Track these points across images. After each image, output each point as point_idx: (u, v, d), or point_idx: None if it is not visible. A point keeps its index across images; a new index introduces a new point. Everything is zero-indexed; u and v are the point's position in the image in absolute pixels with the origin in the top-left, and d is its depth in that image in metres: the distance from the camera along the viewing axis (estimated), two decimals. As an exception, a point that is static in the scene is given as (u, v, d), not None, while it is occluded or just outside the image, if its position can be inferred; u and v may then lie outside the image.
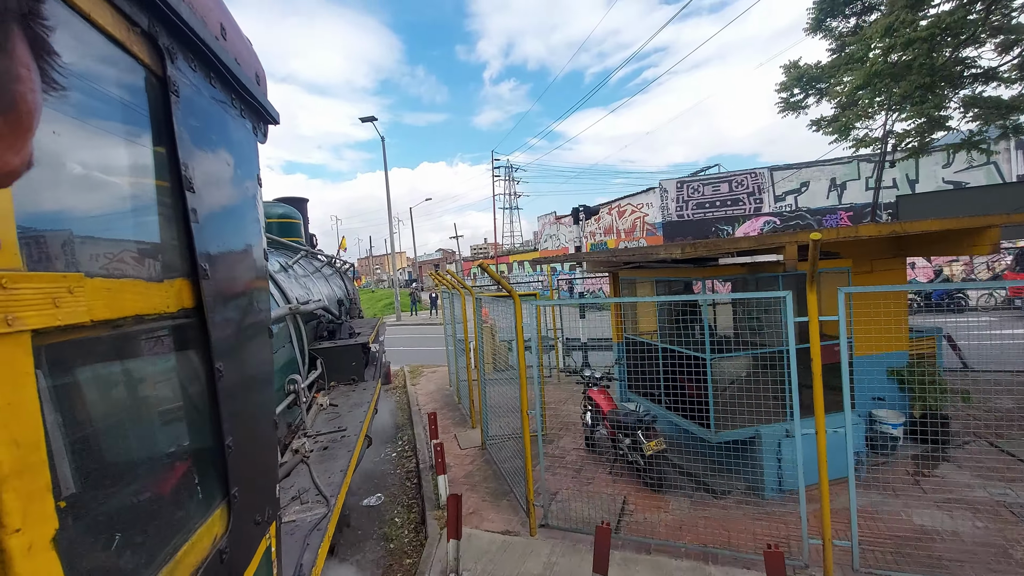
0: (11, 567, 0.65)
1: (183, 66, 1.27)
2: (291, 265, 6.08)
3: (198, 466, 1.20)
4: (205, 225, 1.27)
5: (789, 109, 15.96)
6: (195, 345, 1.23)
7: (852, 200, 22.44)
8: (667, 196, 26.36)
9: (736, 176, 25.26)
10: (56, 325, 0.77)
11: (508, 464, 6.51)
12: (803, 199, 23.57)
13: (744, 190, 24.99)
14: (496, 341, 9.53)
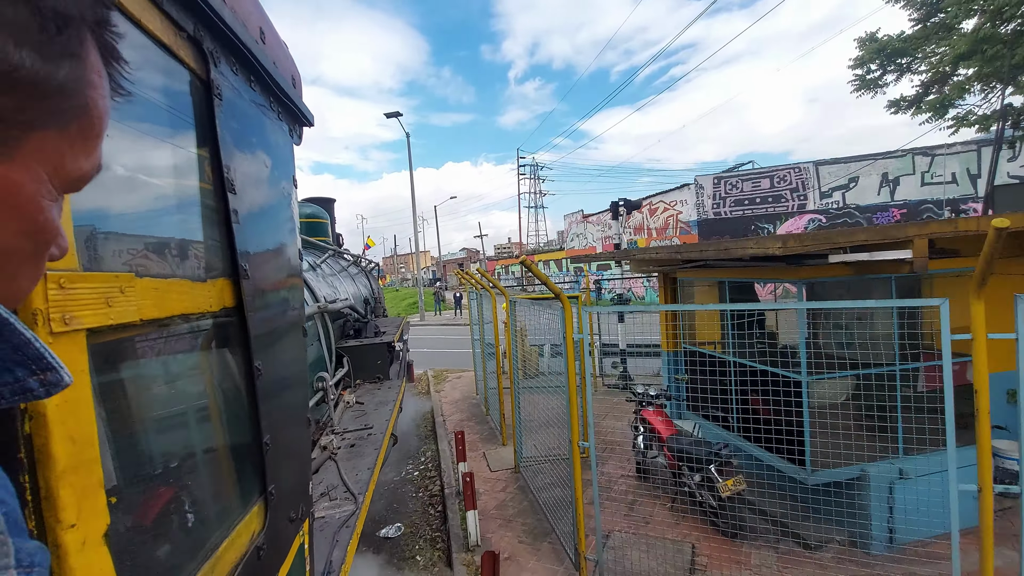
0: (66, 562, 0.66)
1: (226, 70, 1.29)
2: (319, 264, 6.18)
3: (238, 464, 1.22)
4: (245, 226, 1.29)
5: (865, 88, 14.43)
6: (235, 344, 1.25)
7: (906, 196, 20.46)
8: (703, 193, 24.66)
9: (778, 171, 23.33)
10: (109, 324, 0.79)
11: (547, 493, 5.61)
12: (851, 195, 21.66)
13: (787, 186, 23.15)
14: (526, 345, 8.98)
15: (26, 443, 0.64)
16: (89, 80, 0.39)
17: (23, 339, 0.33)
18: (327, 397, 3.85)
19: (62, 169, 0.39)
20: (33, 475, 0.64)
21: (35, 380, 0.34)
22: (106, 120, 0.42)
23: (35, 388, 0.35)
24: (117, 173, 0.92)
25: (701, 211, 24.75)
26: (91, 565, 0.70)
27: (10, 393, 0.34)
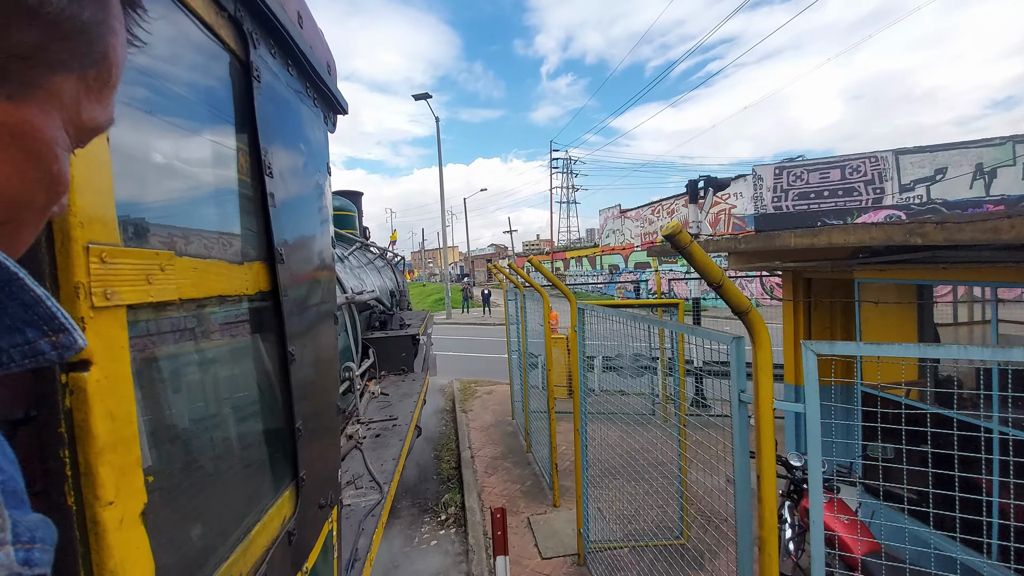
0: (103, 539, 0.65)
1: (264, 52, 1.28)
2: (347, 256, 6.24)
3: (270, 448, 1.21)
4: (281, 210, 1.28)
5: None
6: (270, 328, 1.24)
7: (1004, 190, 17.29)
8: (761, 184, 22.01)
9: (850, 161, 20.32)
10: (148, 301, 0.78)
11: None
12: (938, 189, 18.67)
13: (860, 177, 20.25)
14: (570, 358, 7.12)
15: (67, 418, 0.63)
16: (110, 25, 0.37)
17: (33, 296, 0.31)
18: (353, 387, 3.88)
19: (78, 118, 0.37)
20: (73, 450, 0.64)
21: (47, 342, 0.32)
22: (122, 70, 0.40)
23: (47, 351, 0.32)
24: (158, 151, 0.91)
25: (759, 204, 22.14)
26: (128, 543, 0.69)
27: (20, 356, 0.32)
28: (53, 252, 0.63)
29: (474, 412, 9.43)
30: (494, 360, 14.41)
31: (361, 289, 5.79)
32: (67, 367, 0.64)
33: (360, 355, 5.22)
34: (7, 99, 0.31)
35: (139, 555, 0.71)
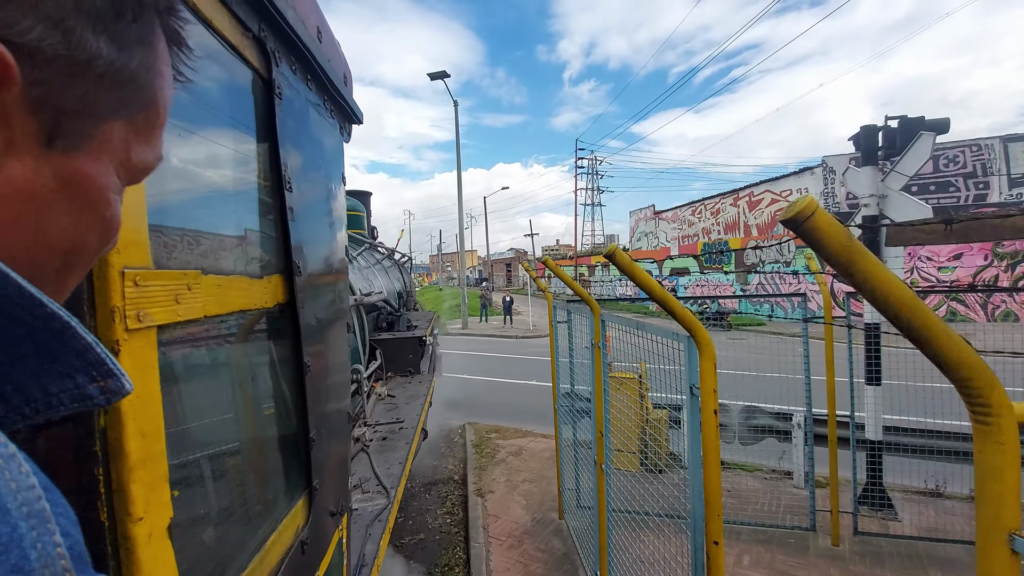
0: (134, 553, 0.68)
1: (286, 69, 1.31)
2: (355, 257, 6.28)
3: (285, 459, 1.24)
4: (299, 223, 1.31)
5: None
6: (287, 340, 1.27)
7: None
8: (833, 178, 19.03)
9: (947, 150, 16.76)
10: (176, 321, 0.81)
11: None
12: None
13: (958, 169, 16.75)
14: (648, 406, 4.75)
15: (101, 437, 0.66)
16: (158, 69, 0.38)
17: (84, 344, 0.32)
18: (360, 389, 3.91)
19: (128, 161, 0.38)
20: (106, 468, 0.66)
21: (95, 387, 0.33)
22: (169, 110, 0.41)
23: (95, 395, 0.33)
24: (184, 171, 0.93)
25: (832, 202, 19.24)
26: (156, 557, 0.71)
27: (69, 400, 0.33)
28: (91, 277, 0.65)
29: (496, 496, 5.68)
30: (522, 389, 10.94)
31: (369, 290, 5.83)
32: None
33: (368, 357, 5.25)
34: (61, 151, 0.33)
35: (166, 569, 0.73)
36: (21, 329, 0.29)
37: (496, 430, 8.14)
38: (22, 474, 0.24)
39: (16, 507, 0.23)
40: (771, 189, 22.12)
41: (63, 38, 0.30)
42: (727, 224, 24.80)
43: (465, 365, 14.21)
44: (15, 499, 0.23)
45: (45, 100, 0.30)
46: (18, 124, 0.30)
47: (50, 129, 0.31)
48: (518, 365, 14.44)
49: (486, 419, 8.81)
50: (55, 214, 0.33)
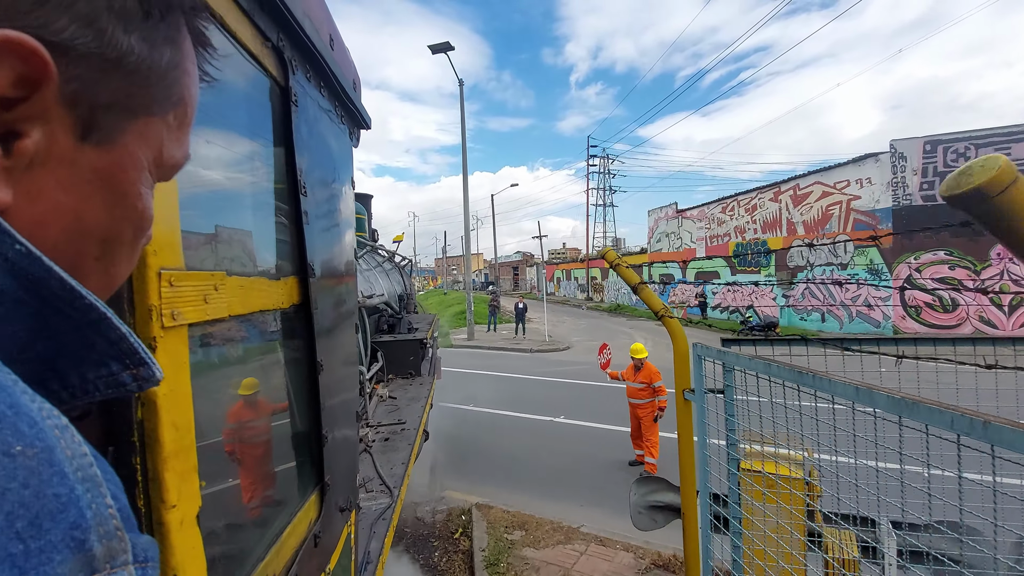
0: (168, 539, 0.72)
1: (301, 77, 1.35)
2: (357, 260, 6.32)
3: (300, 455, 1.28)
4: (313, 226, 1.35)
5: None
6: (302, 339, 1.30)
7: None
8: (904, 166, 16.33)
9: None
10: (204, 320, 0.84)
11: None
12: None
13: None
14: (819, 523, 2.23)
15: (139, 428, 0.69)
16: (185, 68, 0.40)
17: (119, 334, 0.34)
18: (363, 391, 3.94)
19: (159, 157, 0.40)
20: (143, 458, 0.70)
21: (128, 374, 0.35)
22: (195, 109, 0.43)
23: (128, 382, 0.35)
24: (208, 175, 0.97)
25: (901, 194, 16.46)
26: (187, 544, 0.75)
27: (104, 386, 0.34)
28: (130, 278, 0.69)
29: None
30: (548, 432, 8.19)
31: (371, 293, 5.87)
32: None
33: (369, 358, 5.29)
34: (96, 145, 0.34)
35: (195, 554, 0.77)
36: (62, 319, 0.31)
37: (521, 523, 5.16)
38: (76, 443, 0.27)
39: (72, 471, 0.25)
40: (822, 180, 18.95)
41: (96, 36, 0.32)
42: (766, 222, 21.72)
43: (469, 390, 11.12)
44: (71, 464, 0.26)
45: (80, 95, 0.32)
46: (56, 118, 0.31)
47: (85, 123, 0.33)
48: (536, 390, 11.21)
49: (502, 490, 5.96)
50: (91, 205, 0.35)
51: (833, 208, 18.72)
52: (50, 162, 0.32)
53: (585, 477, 6.47)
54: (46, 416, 0.26)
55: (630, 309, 30.98)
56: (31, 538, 0.22)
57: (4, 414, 0.23)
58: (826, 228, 18.89)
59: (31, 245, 0.28)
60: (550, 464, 6.91)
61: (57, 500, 0.24)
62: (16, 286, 0.29)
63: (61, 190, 0.33)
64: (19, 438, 0.23)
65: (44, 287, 0.29)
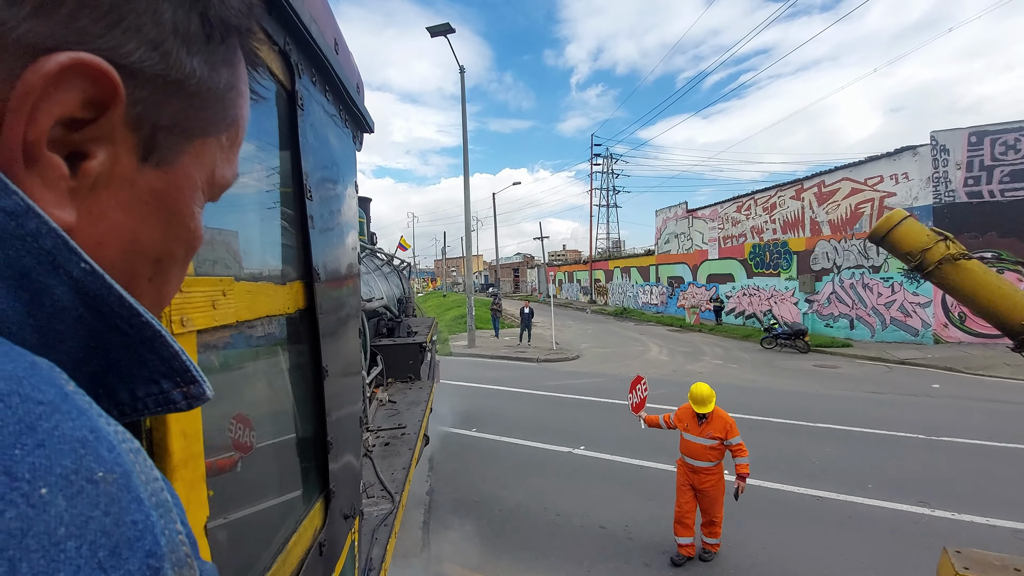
0: (176, 550, 0.70)
1: (307, 81, 1.34)
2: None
3: (306, 462, 1.26)
4: (319, 231, 1.34)
5: None
6: (307, 344, 1.29)
7: None
8: (947, 159, 15.03)
9: None
10: (213, 326, 0.83)
11: None
12: None
13: None
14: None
15: (147, 437, 0.68)
16: (239, 89, 0.40)
17: (172, 351, 0.34)
18: (363, 395, 3.93)
19: (212, 177, 0.40)
20: (152, 467, 0.69)
21: (179, 392, 0.35)
22: (246, 128, 0.43)
23: (178, 400, 0.35)
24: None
25: (943, 190, 15.18)
26: (195, 555, 0.74)
27: (154, 404, 0.34)
28: (140, 284, 0.68)
29: None
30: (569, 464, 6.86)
31: (370, 296, 5.85)
32: None
33: (368, 362, 5.27)
34: (155, 166, 0.35)
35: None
36: (118, 337, 0.31)
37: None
38: (149, 467, 0.27)
39: (147, 497, 0.25)
40: (851, 176, 17.33)
41: (161, 59, 0.32)
42: (786, 221, 20.24)
43: (471, 410, 9.61)
44: (146, 490, 0.25)
45: (143, 117, 0.32)
46: (120, 140, 0.32)
47: (146, 145, 0.34)
48: (548, 410, 9.67)
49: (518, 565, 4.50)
50: (147, 225, 0.35)
51: (863, 206, 17.09)
52: (112, 183, 0.32)
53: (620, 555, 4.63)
54: (121, 440, 0.25)
55: (636, 313, 30.05)
56: (112, 567, 0.22)
57: (86, 439, 0.23)
58: (855, 228, 17.37)
59: (95, 263, 0.29)
60: (574, 522, 5.21)
61: (135, 527, 0.24)
62: (79, 303, 0.29)
63: (120, 210, 0.33)
64: (100, 463, 0.23)
65: (104, 305, 0.30)
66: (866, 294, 17.26)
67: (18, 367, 0.23)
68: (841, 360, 14.86)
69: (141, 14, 0.30)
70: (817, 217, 18.90)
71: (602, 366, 14.78)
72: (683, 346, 18.47)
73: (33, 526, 0.20)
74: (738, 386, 11.46)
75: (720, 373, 13.39)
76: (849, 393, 10.64)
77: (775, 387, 11.42)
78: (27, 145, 0.27)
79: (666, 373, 13.45)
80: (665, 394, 10.04)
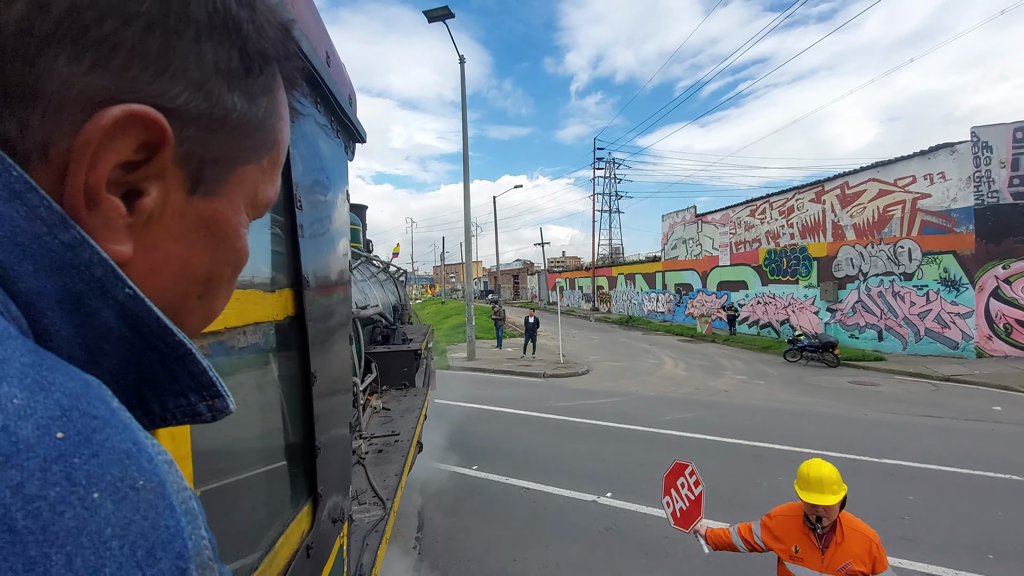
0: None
1: (298, 93, 1.38)
2: (352, 270, 6.33)
3: (293, 465, 1.29)
4: (308, 239, 1.37)
5: None
6: (296, 351, 1.32)
7: None
8: (989, 157, 13.91)
9: None
10: (202, 332, 0.86)
11: None
12: None
13: None
14: None
15: (135, 438, 0.71)
16: (279, 114, 0.43)
17: (200, 368, 0.36)
18: (356, 402, 3.94)
19: (255, 199, 0.43)
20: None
21: (204, 405, 0.38)
22: (286, 148, 0.46)
23: (204, 413, 0.38)
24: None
25: (987, 190, 13.99)
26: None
27: (182, 415, 0.37)
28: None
29: None
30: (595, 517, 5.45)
31: (365, 303, 5.87)
32: None
33: (363, 369, 5.28)
34: (203, 196, 0.37)
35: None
36: (155, 354, 0.34)
37: None
38: (179, 477, 0.29)
39: (178, 504, 0.28)
40: (879, 177, 16.18)
41: (205, 98, 0.34)
42: (805, 226, 19.18)
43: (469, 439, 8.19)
44: (177, 497, 0.28)
45: (191, 153, 0.35)
46: (170, 176, 0.34)
47: (194, 178, 0.36)
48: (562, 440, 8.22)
49: None
50: (197, 250, 0.38)
51: (893, 209, 15.94)
52: (164, 215, 0.35)
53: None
54: (157, 452, 0.28)
55: (643, 321, 28.85)
56: (147, 566, 0.25)
57: (130, 451, 0.26)
58: (884, 232, 16.22)
59: (138, 289, 0.32)
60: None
61: (167, 531, 0.26)
62: (122, 324, 0.32)
63: (172, 240, 0.36)
64: (141, 473, 0.26)
65: (144, 325, 0.32)
66: (897, 303, 16.00)
67: (76, 385, 0.26)
68: (877, 376, 13.57)
69: (185, 58, 0.33)
70: (840, 221, 17.75)
71: (615, 383, 13.35)
72: (699, 359, 17.19)
73: (87, 526, 0.23)
74: (773, 408, 10.19)
75: (748, 391, 12.03)
76: (901, 417, 9.31)
77: (815, 409, 10.05)
78: (88, 189, 0.30)
79: (688, 391, 12.08)
80: (698, 419, 9.02)
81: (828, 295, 18.07)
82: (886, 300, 16.34)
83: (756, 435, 8.03)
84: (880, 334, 16.59)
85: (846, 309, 17.67)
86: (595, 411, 10.05)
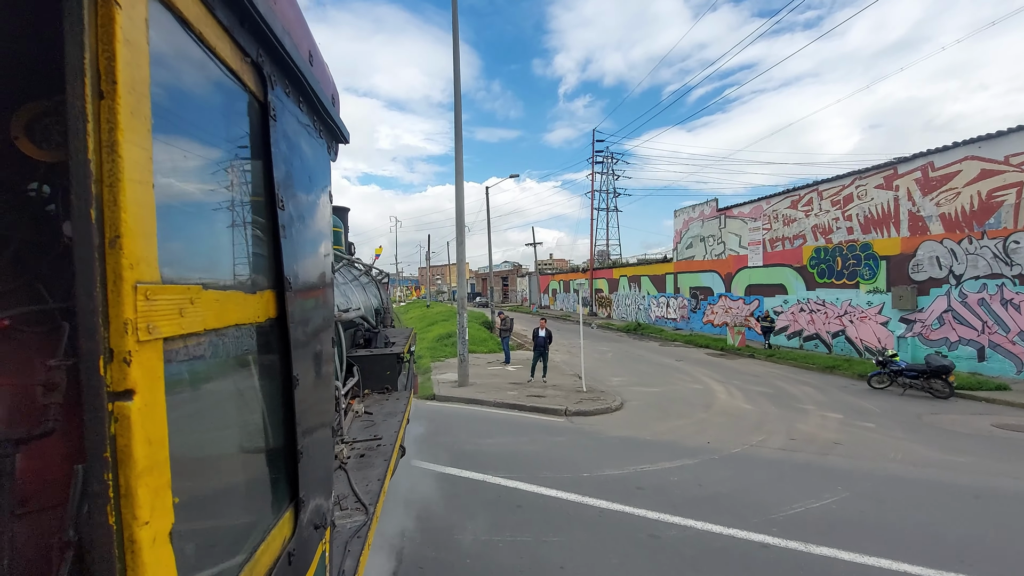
0: (139, 556, 0.70)
1: (280, 92, 1.36)
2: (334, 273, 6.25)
3: (275, 471, 1.26)
4: (290, 240, 1.35)
5: None
6: (277, 353, 1.30)
7: None
8: None
9: None
10: (180, 334, 0.84)
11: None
12: None
13: None
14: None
15: (112, 443, 0.69)
16: None
17: None
18: (338, 406, 3.88)
19: None
20: (115, 473, 0.69)
21: None
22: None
23: None
24: (184, 188, 0.98)
25: None
26: (159, 562, 0.74)
27: None
28: (106, 292, 0.69)
29: None
30: None
31: (347, 307, 5.80)
32: (112, 396, 0.69)
33: (345, 373, 5.21)
34: None
35: (168, 572, 0.76)
36: None
37: None
38: None
39: None
40: (980, 154, 12.56)
41: None
42: (868, 218, 15.55)
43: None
44: None
45: None
46: None
47: None
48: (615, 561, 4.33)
49: None
50: None
51: (1002, 193, 12.16)
52: None
53: None
54: None
55: (654, 329, 24.83)
56: None
57: None
58: (988, 224, 12.54)
59: None
60: None
61: None
62: None
63: None
64: None
65: None
66: (1009, 314, 12.18)
67: None
68: (1013, 413, 9.55)
69: None
70: (921, 210, 14.11)
71: (667, 425, 9.12)
72: (751, 382, 13.15)
73: None
74: (931, 481, 6.22)
75: (866, 443, 7.89)
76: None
77: (989, 482, 6.12)
78: None
79: (781, 444, 7.89)
80: (845, 511, 5.27)
81: (904, 302, 14.37)
82: (991, 309, 12.58)
83: (952, 545, 4.59)
84: (981, 352, 12.78)
85: (929, 320, 13.89)
86: (668, 491, 5.96)
